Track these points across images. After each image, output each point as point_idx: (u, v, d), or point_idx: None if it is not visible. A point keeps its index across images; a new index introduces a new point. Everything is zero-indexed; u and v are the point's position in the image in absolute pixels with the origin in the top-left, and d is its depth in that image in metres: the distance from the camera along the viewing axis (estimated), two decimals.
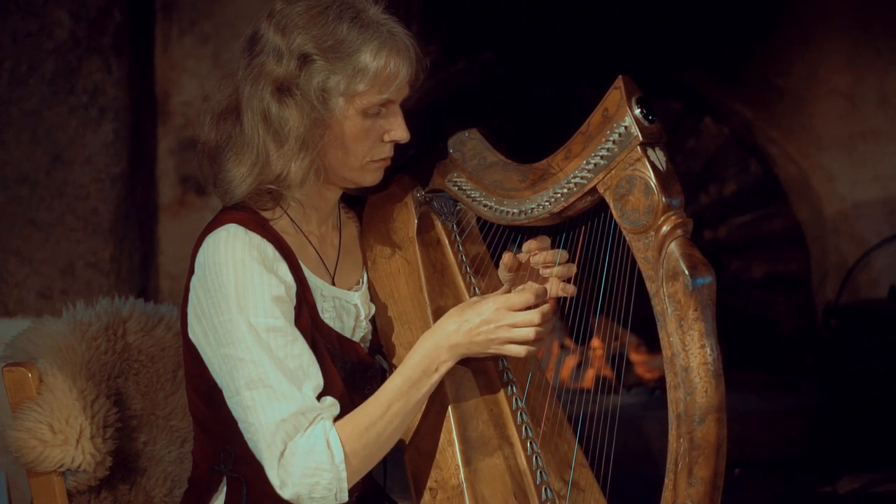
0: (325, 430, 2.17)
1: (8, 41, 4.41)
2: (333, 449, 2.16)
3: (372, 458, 2.21)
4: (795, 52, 5.21)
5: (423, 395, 2.23)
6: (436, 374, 2.22)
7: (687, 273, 2.11)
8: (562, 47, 5.14)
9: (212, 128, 2.30)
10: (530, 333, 2.21)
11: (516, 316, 2.21)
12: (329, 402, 2.21)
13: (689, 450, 2.11)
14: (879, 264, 5.24)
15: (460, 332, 2.22)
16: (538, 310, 2.22)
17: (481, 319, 2.21)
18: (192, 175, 4.63)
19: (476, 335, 2.22)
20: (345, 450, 2.17)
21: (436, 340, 2.22)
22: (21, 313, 4.43)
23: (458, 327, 2.22)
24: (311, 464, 2.16)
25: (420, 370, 2.22)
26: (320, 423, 2.17)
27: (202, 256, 2.23)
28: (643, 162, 2.14)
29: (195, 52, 4.64)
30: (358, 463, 2.19)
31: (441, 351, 2.22)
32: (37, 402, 2.34)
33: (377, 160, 2.30)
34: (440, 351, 2.22)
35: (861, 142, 5.25)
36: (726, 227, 5.67)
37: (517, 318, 2.21)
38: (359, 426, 2.19)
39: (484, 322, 2.21)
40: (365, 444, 2.19)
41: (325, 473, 2.16)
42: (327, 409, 2.20)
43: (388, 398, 2.21)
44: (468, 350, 2.23)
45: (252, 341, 2.18)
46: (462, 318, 2.22)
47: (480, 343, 2.22)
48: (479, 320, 2.21)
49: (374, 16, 2.26)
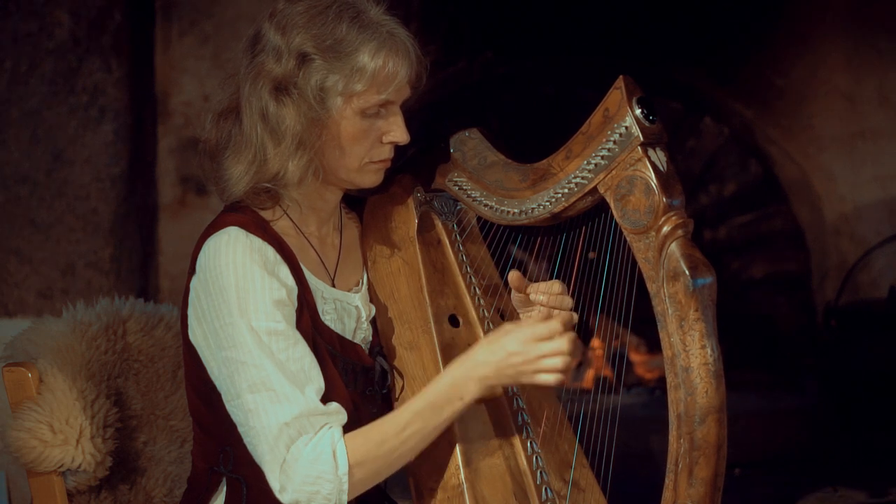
0: (333, 439, 2.16)
1: (8, 41, 4.41)
2: (339, 460, 2.15)
3: (378, 474, 2.20)
4: (795, 52, 5.21)
5: (443, 421, 2.20)
6: (460, 402, 2.20)
7: (688, 273, 2.11)
8: (562, 47, 5.13)
9: (212, 126, 2.30)
10: (559, 363, 2.19)
11: (545, 346, 2.19)
12: (335, 408, 2.20)
13: (690, 450, 2.11)
14: (879, 264, 5.24)
15: (490, 364, 2.19)
16: (566, 338, 2.20)
17: (510, 351, 2.19)
18: (192, 175, 4.63)
19: (506, 367, 2.19)
20: (350, 462, 2.16)
21: (465, 370, 2.20)
22: (21, 313, 4.43)
23: (488, 359, 2.20)
24: (314, 472, 2.15)
25: (444, 396, 2.20)
26: (329, 432, 2.16)
27: (203, 260, 2.23)
28: (644, 162, 2.14)
29: (195, 52, 4.64)
30: (362, 476, 2.17)
31: (469, 382, 2.20)
32: (37, 402, 2.34)
33: (376, 161, 2.30)
34: (468, 381, 2.20)
35: (861, 142, 5.25)
36: (726, 227, 5.67)
37: (546, 348, 2.19)
38: (370, 441, 2.18)
39: (513, 354, 2.19)
40: (374, 459, 2.17)
41: (327, 483, 2.15)
42: (336, 418, 2.19)
43: (407, 418, 2.19)
44: (497, 381, 2.21)
45: (253, 345, 2.17)
46: (492, 350, 2.20)
47: (510, 375, 2.20)
48: (508, 352, 2.19)
49: (375, 16, 2.26)
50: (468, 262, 2.43)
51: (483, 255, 2.46)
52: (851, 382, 5.03)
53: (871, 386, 4.99)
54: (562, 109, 5.41)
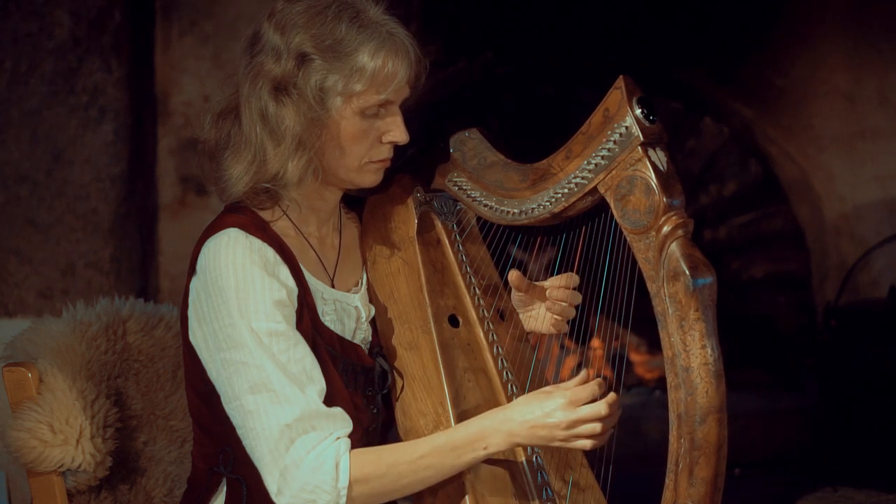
0: (339, 451, 2.15)
1: (8, 41, 4.40)
2: (340, 472, 2.14)
3: (381, 496, 2.18)
4: (795, 52, 5.21)
5: (461, 464, 2.18)
6: (483, 451, 2.18)
7: (688, 273, 2.11)
8: (562, 47, 5.13)
9: (212, 127, 2.30)
10: (597, 428, 2.15)
11: (582, 411, 2.15)
12: (340, 414, 2.18)
13: (690, 450, 2.10)
14: (879, 264, 5.24)
15: (524, 423, 2.16)
16: (605, 401, 2.16)
17: (545, 413, 2.15)
18: (192, 175, 4.63)
19: (539, 428, 2.16)
20: (351, 476, 2.14)
21: (497, 422, 2.17)
22: (21, 313, 4.43)
23: (524, 417, 2.16)
24: (313, 481, 2.14)
25: (468, 440, 2.17)
26: (335, 443, 2.15)
27: (203, 261, 2.23)
28: (644, 162, 2.14)
29: (195, 52, 4.64)
30: (362, 494, 2.15)
31: (497, 434, 2.17)
32: (37, 402, 2.34)
33: (376, 161, 2.30)
34: (497, 434, 2.17)
35: (861, 142, 5.25)
36: (726, 227, 5.67)
37: (582, 413, 2.15)
38: (381, 461, 2.16)
39: (547, 416, 2.15)
40: (378, 479, 2.15)
41: (325, 495, 2.14)
42: (343, 426, 2.17)
43: (425, 449, 2.17)
44: (527, 441, 2.18)
45: (254, 346, 2.17)
46: (529, 409, 2.16)
47: (542, 437, 2.17)
48: (542, 415, 2.15)
49: (374, 16, 2.26)
50: (468, 262, 2.43)
51: (483, 255, 2.46)
52: (851, 382, 5.03)
53: (871, 386, 4.99)
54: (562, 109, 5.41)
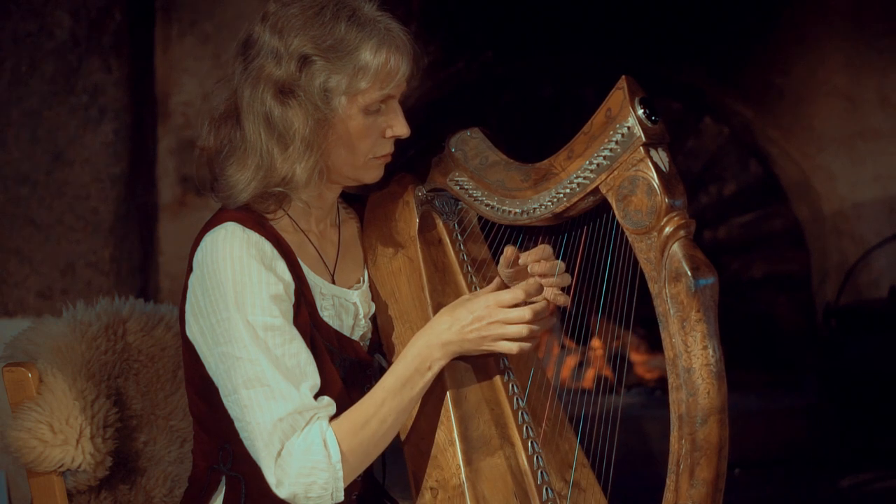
0: (322, 429, 2.17)
1: (8, 41, 4.40)
2: (330, 448, 2.17)
3: (368, 456, 2.22)
4: (795, 52, 5.21)
5: (417, 393, 2.23)
6: (429, 372, 2.23)
7: (690, 274, 2.10)
8: (562, 47, 5.13)
9: (210, 133, 2.30)
10: (523, 330, 2.21)
11: (508, 313, 2.21)
12: (326, 402, 2.21)
13: (691, 451, 2.10)
14: (879, 264, 5.24)
15: (452, 329, 2.22)
16: (530, 307, 2.22)
17: (473, 317, 2.22)
18: (192, 175, 4.63)
19: (468, 332, 2.22)
20: (341, 449, 2.17)
21: (428, 339, 2.23)
22: (21, 313, 4.43)
23: (450, 325, 2.22)
24: (308, 463, 2.16)
25: (412, 368, 2.22)
26: (317, 423, 2.18)
27: (200, 255, 2.23)
28: (646, 162, 2.14)
29: (195, 52, 4.64)
30: (354, 461, 2.19)
31: (433, 349, 2.22)
32: (37, 402, 2.34)
33: (379, 157, 2.31)
34: (432, 349, 2.22)
35: (861, 142, 5.25)
36: (726, 227, 5.67)
37: (508, 314, 2.21)
38: (354, 424, 2.20)
39: (476, 319, 2.22)
40: (360, 443, 2.19)
41: (322, 473, 2.16)
42: (324, 409, 2.20)
43: (382, 396, 2.21)
44: (460, 348, 2.23)
45: (249, 340, 2.18)
46: (454, 317, 2.23)
47: (472, 340, 2.22)
48: (470, 318, 2.22)
49: (370, 13, 2.26)
50: (469, 262, 2.43)
51: (484, 255, 2.46)
52: (851, 382, 5.03)
53: (871, 386, 4.99)
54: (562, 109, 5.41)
